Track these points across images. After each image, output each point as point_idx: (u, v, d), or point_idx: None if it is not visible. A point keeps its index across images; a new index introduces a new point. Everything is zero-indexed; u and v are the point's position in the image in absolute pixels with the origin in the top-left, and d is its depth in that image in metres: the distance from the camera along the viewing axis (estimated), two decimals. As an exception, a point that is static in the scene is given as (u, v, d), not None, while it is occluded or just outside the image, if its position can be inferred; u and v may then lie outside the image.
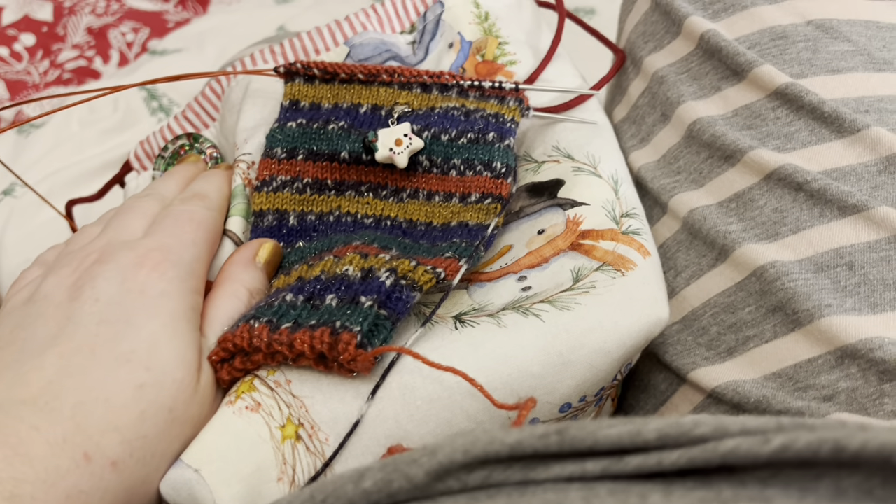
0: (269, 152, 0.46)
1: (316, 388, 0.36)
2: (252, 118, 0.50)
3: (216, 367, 0.38)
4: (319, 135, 0.46)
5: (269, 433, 0.35)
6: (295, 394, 0.36)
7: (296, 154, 0.46)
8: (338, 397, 0.36)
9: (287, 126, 0.47)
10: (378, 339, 0.36)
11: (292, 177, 0.46)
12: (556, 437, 0.26)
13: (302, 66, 0.48)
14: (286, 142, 0.46)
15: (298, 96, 0.48)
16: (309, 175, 0.46)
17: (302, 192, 0.46)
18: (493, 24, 0.54)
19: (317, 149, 0.46)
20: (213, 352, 0.38)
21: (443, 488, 0.26)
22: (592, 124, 0.49)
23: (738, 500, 0.23)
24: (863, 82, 0.44)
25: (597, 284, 0.40)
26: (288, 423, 0.36)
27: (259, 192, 0.45)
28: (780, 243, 0.43)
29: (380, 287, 0.37)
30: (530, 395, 0.37)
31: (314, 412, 0.36)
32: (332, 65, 0.48)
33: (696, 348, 0.45)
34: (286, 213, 0.45)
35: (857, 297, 0.40)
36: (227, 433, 0.35)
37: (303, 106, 0.48)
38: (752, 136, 0.46)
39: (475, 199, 0.44)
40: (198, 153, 0.52)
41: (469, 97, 0.48)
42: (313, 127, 0.47)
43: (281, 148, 0.46)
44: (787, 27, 0.47)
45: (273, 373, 0.37)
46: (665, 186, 0.49)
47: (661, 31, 0.53)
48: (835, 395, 0.39)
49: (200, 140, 0.53)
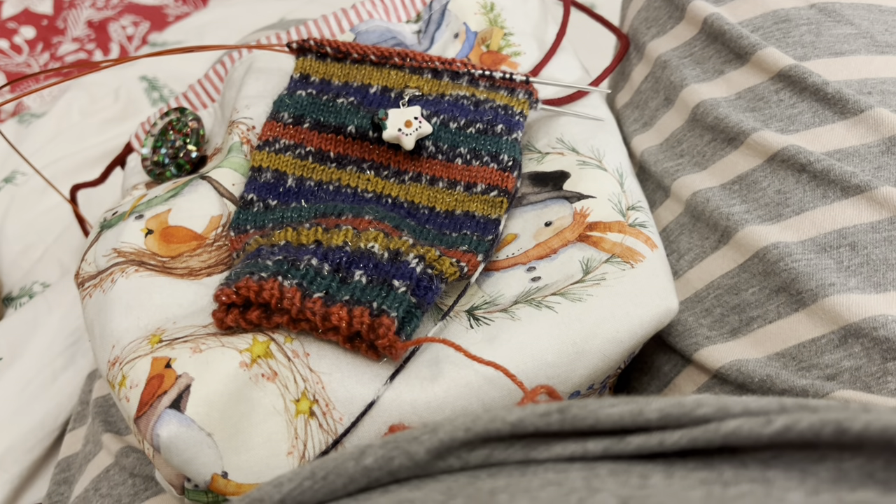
0: (276, 115, 0.46)
1: (335, 365, 0.36)
2: (254, 89, 0.50)
3: (221, 308, 0.37)
4: (328, 107, 0.46)
5: (283, 405, 0.35)
6: (313, 368, 0.36)
7: (302, 122, 0.46)
8: (356, 378, 0.36)
9: (296, 94, 0.47)
10: (409, 327, 0.36)
11: (296, 143, 0.46)
12: (557, 416, 0.26)
13: (315, 43, 0.48)
14: (294, 108, 0.46)
15: (309, 71, 0.48)
16: (312, 144, 0.46)
17: (304, 159, 0.45)
18: (498, 14, 0.54)
19: (324, 120, 0.46)
20: (225, 293, 0.37)
21: (444, 466, 0.26)
22: None
23: (740, 481, 0.23)
24: (865, 64, 0.44)
25: (607, 276, 0.40)
26: (303, 397, 0.35)
27: (260, 150, 0.45)
28: (783, 224, 0.43)
29: (411, 273, 0.37)
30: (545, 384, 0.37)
31: (330, 390, 0.36)
32: (344, 44, 0.48)
33: (699, 329, 0.45)
34: (285, 175, 0.45)
35: (860, 276, 0.40)
36: (242, 400, 0.35)
37: (313, 80, 0.48)
38: (755, 118, 0.46)
39: (481, 190, 0.44)
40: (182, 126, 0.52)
41: (479, 86, 0.48)
42: (322, 98, 0.47)
43: (288, 113, 0.46)
44: (790, 10, 0.47)
45: (291, 340, 0.37)
46: (668, 170, 0.49)
47: (665, 16, 0.53)
48: (839, 374, 0.39)
49: (186, 113, 0.53)
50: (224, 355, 0.36)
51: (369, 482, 0.27)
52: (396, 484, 0.27)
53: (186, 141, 0.51)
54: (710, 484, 0.23)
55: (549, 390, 0.34)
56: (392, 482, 0.27)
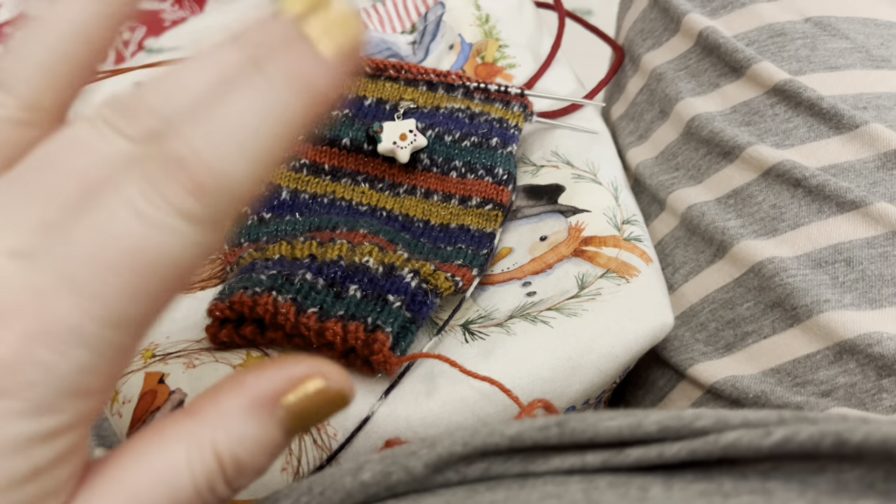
0: None
1: None
2: None
3: (215, 323, 0.37)
4: None
5: None
6: None
7: None
8: None
9: None
10: (404, 343, 0.36)
11: (290, 155, 0.45)
12: (556, 429, 0.25)
13: None
14: None
15: None
16: (307, 157, 0.46)
17: (298, 172, 0.45)
18: (493, 26, 0.54)
19: (318, 132, 0.46)
20: (219, 308, 0.36)
21: (442, 481, 0.26)
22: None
23: (739, 493, 0.23)
24: (861, 79, 0.44)
25: (602, 291, 0.40)
26: None
27: None
28: (778, 239, 0.43)
29: (406, 288, 0.37)
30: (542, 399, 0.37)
31: None
32: None
33: (694, 344, 0.45)
34: (279, 187, 0.44)
35: (856, 292, 0.40)
36: None
37: None
38: (750, 132, 0.46)
39: (476, 204, 0.44)
40: None
41: (474, 99, 0.48)
42: None
43: None
44: (786, 24, 0.47)
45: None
46: (663, 183, 0.49)
47: (660, 29, 0.53)
48: (833, 391, 0.39)
49: None
50: (218, 371, 0.35)
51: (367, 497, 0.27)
52: (394, 499, 0.27)
53: None
54: (710, 496, 0.23)
55: (545, 404, 0.34)
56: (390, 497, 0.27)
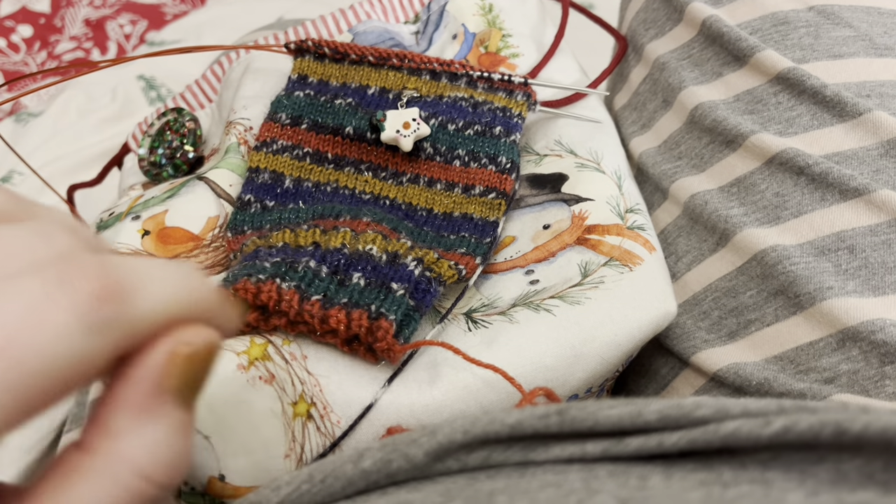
0: (273, 116, 0.46)
1: (332, 367, 0.36)
2: (252, 89, 0.50)
3: None
4: (326, 108, 0.46)
5: (280, 408, 0.35)
6: (310, 370, 0.36)
7: (300, 122, 0.46)
8: (354, 380, 0.36)
9: (294, 94, 0.47)
10: (407, 330, 0.36)
11: (293, 143, 0.46)
12: (556, 418, 0.26)
13: (313, 44, 0.48)
14: (291, 109, 0.46)
15: (307, 71, 0.48)
16: (310, 145, 0.46)
17: (301, 160, 0.45)
18: (496, 16, 0.54)
19: (321, 121, 0.46)
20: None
21: (442, 469, 0.26)
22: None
23: (739, 483, 0.23)
24: (864, 67, 0.44)
25: (605, 279, 0.40)
26: (300, 400, 0.35)
27: (258, 151, 0.45)
28: (781, 227, 0.43)
29: (409, 276, 0.37)
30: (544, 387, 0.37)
31: (328, 392, 0.36)
32: (342, 45, 0.48)
33: (697, 332, 0.45)
34: (283, 176, 0.45)
35: (859, 280, 0.40)
36: (239, 403, 0.34)
37: (311, 81, 0.47)
38: (753, 120, 0.46)
39: (479, 193, 0.44)
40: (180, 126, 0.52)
41: (478, 88, 0.48)
42: (320, 100, 0.47)
43: (286, 114, 0.46)
44: (789, 13, 0.47)
45: (289, 343, 0.37)
46: (666, 172, 0.49)
47: (663, 18, 0.53)
48: (836, 378, 0.39)
49: (183, 113, 0.52)
50: (221, 357, 0.35)
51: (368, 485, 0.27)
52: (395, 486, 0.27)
53: (183, 141, 0.51)
54: (710, 485, 0.23)
55: (547, 392, 0.34)
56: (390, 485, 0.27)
